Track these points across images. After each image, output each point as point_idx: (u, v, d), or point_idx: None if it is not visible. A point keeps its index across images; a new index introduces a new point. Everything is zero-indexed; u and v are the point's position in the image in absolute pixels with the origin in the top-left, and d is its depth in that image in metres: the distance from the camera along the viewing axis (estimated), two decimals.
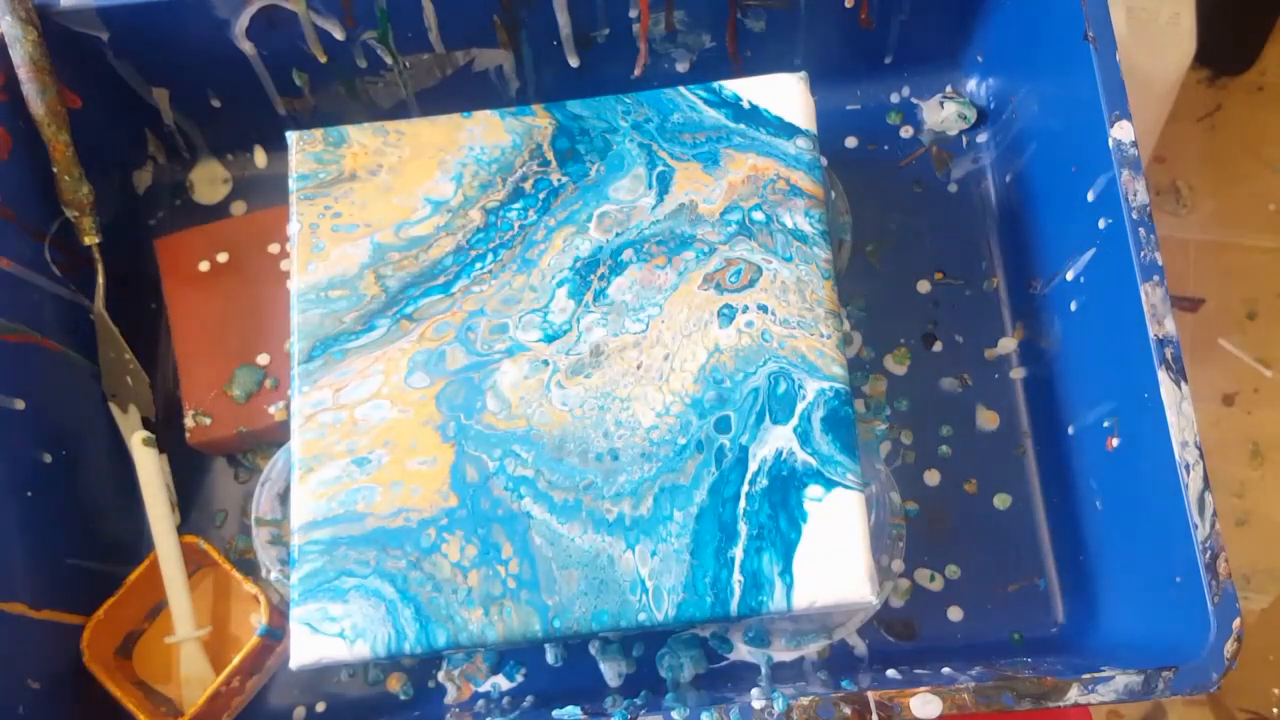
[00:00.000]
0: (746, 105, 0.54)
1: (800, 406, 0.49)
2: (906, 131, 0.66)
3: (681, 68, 0.65)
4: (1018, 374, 0.62)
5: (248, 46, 0.59)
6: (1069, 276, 0.56)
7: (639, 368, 0.50)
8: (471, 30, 0.61)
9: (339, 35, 0.59)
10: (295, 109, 0.64)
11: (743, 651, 0.57)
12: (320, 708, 0.58)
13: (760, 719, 0.45)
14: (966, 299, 0.63)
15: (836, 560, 0.47)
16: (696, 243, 0.52)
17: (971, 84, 0.66)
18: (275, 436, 0.60)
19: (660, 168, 0.53)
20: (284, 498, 0.57)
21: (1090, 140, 0.52)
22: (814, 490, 0.48)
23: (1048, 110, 0.58)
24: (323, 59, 0.61)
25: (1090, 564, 0.55)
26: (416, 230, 0.52)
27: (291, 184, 0.53)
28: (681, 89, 0.54)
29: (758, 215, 0.52)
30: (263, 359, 0.60)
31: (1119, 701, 0.45)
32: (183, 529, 0.59)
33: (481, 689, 0.57)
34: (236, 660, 0.54)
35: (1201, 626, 0.45)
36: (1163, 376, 0.47)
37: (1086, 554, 0.56)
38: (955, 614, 0.58)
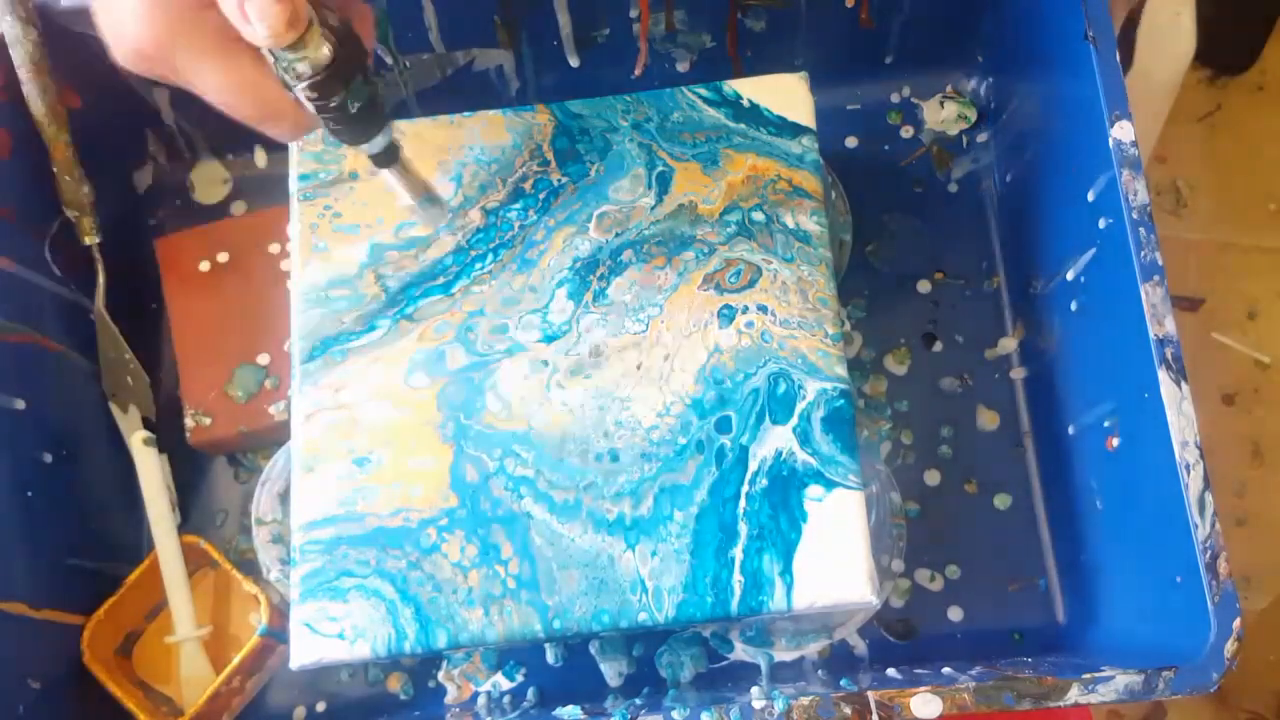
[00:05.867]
0: (747, 104, 0.54)
1: (800, 406, 0.49)
2: (907, 131, 0.66)
3: (682, 68, 0.65)
4: (1018, 374, 0.62)
5: None
6: (1069, 276, 0.56)
7: (639, 368, 0.50)
8: (471, 30, 0.61)
9: None
10: None
11: (742, 651, 0.57)
12: (320, 708, 0.58)
13: (760, 719, 0.45)
14: (966, 299, 0.63)
15: (837, 560, 0.47)
16: (696, 243, 0.52)
17: (971, 84, 0.66)
18: (275, 436, 0.60)
19: (660, 168, 0.53)
20: (284, 498, 0.57)
21: (1090, 140, 0.52)
22: (814, 490, 0.48)
23: (1048, 110, 0.58)
24: None
25: (1090, 564, 0.55)
26: (416, 230, 0.52)
27: (292, 184, 0.53)
28: (682, 88, 0.54)
29: (757, 216, 0.52)
30: (263, 359, 0.60)
31: (1119, 701, 0.45)
32: (183, 529, 0.59)
33: (481, 689, 0.57)
34: (237, 660, 0.54)
35: (1201, 626, 0.45)
36: (1163, 376, 0.47)
37: (1086, 554, 0.56)
38: (955, 614, 0.58)
